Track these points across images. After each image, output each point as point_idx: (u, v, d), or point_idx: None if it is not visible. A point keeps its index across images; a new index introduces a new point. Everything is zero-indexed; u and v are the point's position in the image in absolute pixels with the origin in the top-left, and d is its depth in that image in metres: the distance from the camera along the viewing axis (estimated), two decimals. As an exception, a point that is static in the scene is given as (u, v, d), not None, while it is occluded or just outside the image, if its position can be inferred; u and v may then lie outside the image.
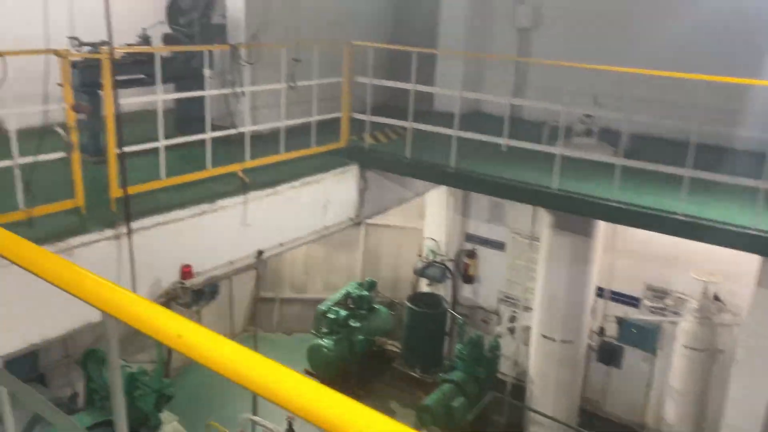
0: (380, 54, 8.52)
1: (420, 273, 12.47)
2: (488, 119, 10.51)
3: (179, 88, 8.45)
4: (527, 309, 11.27)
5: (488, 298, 12.24)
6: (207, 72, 9.28)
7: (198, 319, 10.45)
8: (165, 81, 8.46)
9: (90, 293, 1.69)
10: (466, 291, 12.54)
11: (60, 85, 5.48)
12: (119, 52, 6.00)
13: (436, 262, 12.25)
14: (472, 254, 12.17)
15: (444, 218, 12.27)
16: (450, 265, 12.33)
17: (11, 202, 5.32)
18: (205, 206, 6.66)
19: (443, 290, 12.38)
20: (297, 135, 8.32)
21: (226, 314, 13.10)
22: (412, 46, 8.36)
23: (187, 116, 8.53)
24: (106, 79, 5.69)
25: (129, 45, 8.47)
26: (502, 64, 11.11)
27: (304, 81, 7.99)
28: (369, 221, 11.45)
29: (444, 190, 11.79)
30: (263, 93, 8.26)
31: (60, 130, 5.11)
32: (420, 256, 12.64)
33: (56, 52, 5.32)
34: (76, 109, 5.01)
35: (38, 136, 5.39)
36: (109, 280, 1.71)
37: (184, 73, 8.49)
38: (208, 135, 7.02)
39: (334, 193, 8.48)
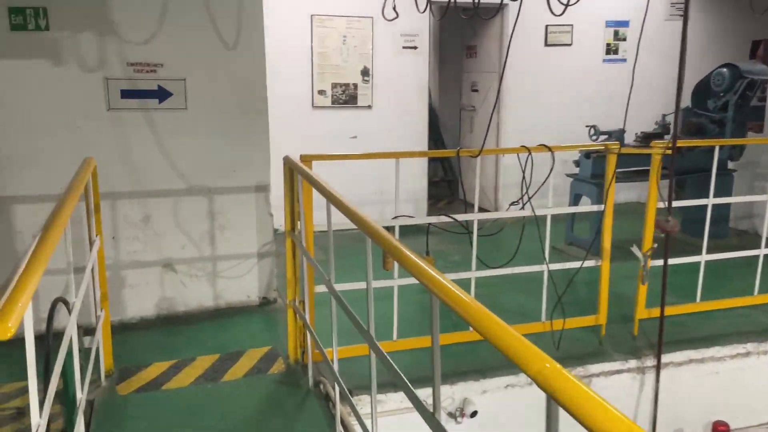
0: None
1: None
2: None
3: (692, 182, 7.19)
4: None
5: None
6: (732, 164, 7.73)
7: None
8: (681, 173, 7.29)
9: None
10: None
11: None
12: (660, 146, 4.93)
13: None
14: None
15: None
16: None
17: (537, 312, 4.73)
18: (750, 345, 4.97)
19: None
20: None
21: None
22: None
23: (699, 216, 7.02)
24: (653, 173, 4.68)
25: (644, 133, 7.56)
26: None
27: None
28: None
29: None
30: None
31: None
32: None
33: (606, 146, 4.59)
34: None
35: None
36: None
37: (702, 165, 7.08)
38: (762, 251, 5.32)
39: None
